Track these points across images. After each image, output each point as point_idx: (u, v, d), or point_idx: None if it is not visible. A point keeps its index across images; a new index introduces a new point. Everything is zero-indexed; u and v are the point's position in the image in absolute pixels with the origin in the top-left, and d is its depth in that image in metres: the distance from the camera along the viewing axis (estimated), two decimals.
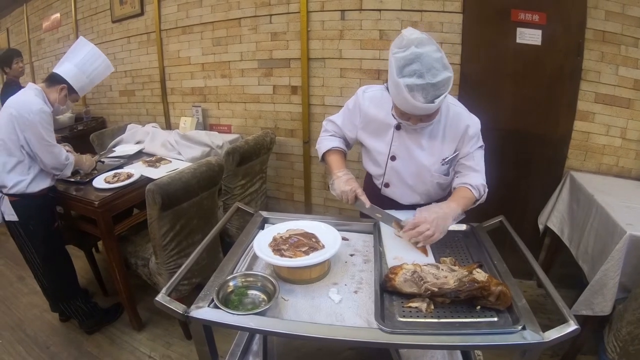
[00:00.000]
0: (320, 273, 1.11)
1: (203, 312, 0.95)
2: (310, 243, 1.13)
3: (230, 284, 1.03)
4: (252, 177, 2.58)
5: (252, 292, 1.03)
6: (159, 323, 2.24)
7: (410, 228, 1.18)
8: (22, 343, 2.11)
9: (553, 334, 0.85)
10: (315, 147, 1.59)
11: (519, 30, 2.17)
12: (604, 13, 2.04)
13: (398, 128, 1.36)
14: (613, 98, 2.13)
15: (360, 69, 2.60)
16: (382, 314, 0.92)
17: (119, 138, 2.86)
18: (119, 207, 2.03)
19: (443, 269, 0.99)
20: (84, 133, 3.38)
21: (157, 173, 2.23)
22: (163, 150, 2.60)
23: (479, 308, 0.95)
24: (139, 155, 2.62)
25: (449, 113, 1.33)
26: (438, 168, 1.37)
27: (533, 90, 2.25)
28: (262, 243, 1.14)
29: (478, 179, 1.32)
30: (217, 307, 0.94)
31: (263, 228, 1.37)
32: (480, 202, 1.35)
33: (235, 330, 1.39)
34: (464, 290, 0.93)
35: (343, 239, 1.21)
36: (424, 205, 1.26)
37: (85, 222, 2.12)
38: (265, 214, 1.45)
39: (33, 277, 2.09)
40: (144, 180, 2.12)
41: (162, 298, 0.97)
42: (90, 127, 3.68)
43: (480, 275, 0.95)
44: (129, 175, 2.15)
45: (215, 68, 3.10)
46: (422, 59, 1.09)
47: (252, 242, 1.20)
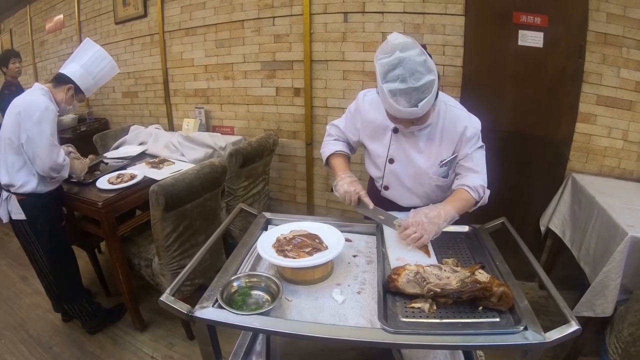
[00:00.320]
0: (324, 274, 1.11)
1: (207, 312, 0.95)
2: (314, 244, 1.13)
3: (234, 285, 1.04)
4: (254, 178, 2.59)
5: (255, 292, 1.04)
6: (162, 323, 2.25)
7: (401, 231, 1.20)
8: (24, 343, 2.12)
9: (554, 335, 0.85)
10: (320, 151, 1.60)
11: (521, 33, 2.18)
12: (606, 15, 2.04)
13: (395, 131, 1.37)
14: (615, 100, 2.14)
15: (363, 71, 2.61)
16: (385, 314, 0.93)
17: (122, 139, 2.88)
18: (123, 207, 2.04)
19: (445, 270, 1.00)
20: (87, 134, 3.39)
21: (160, 174, 2.25)
22: (166, 152, 2.62)
23: (481, 309, 0.95)
24: (142, 157, 2.64)
25: (447, 115, 1.32)
26: (436, 170, 1.37)
27: (535, 92, 2.25)
28: (265, 244, 1.15)
29: (477, 180, 1.31)
30: (221, 307, 0.95)
31: (266, 229, 1.38)
32: (482, 203, 1.34)
33: (238, 331, 1.39)
34: (467, 291, 0.93)
35: (346, 240, 1.21)
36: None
37: (89, 222, 2.13)
38: (269, 215, 1.45)
39: (36, 277, 2.11)
40: (147, 182, 2.14)
41: (166, 298, 0.97)
42: (93, 128, 3.69)
43: (483, 276, 0.95)
44: (133, 176, 2.17)
45: (218, 70, 3.11)
46: (404, 63, 1.08)
47: (255, 243, 1.20)
